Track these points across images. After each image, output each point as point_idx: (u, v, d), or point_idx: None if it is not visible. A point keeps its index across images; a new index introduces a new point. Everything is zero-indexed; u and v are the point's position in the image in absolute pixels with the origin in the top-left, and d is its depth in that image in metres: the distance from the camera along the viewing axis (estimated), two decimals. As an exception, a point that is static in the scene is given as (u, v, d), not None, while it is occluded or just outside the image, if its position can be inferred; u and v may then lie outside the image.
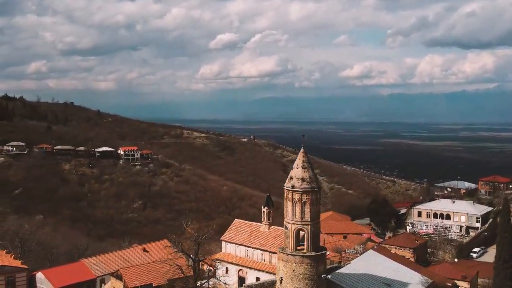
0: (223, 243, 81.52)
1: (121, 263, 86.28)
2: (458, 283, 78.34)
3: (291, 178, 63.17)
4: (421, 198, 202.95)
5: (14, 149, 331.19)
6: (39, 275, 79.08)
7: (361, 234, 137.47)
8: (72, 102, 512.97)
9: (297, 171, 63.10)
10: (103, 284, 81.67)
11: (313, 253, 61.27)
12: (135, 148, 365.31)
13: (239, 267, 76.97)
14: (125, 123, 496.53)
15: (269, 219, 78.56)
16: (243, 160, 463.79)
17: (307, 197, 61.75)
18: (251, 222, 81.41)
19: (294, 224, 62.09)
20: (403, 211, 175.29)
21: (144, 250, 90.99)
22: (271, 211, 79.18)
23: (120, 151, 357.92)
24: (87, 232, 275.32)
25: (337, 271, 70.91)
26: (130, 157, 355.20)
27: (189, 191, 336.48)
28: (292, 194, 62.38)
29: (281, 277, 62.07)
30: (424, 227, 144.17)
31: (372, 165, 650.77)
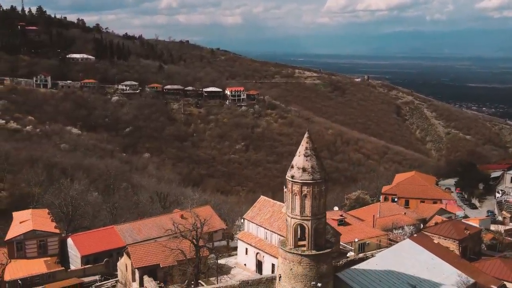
0: (246, 222, 76.38)
1: (155, 230, 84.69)
2: (508, 285, 67.40)
3: (292, 167, 56.00)
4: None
5: (128, 88, 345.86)
6: (69, 241, 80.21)
7: (440, 200, 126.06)
8: (188, 41, 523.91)
9: (298, 159, 55.49)
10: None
11: (313, 252, 54.60)
12: (242, 88, 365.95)
13: (257, 250, 72.18)
14: (237, 62, 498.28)
15: (292, 200, 71.91)
16: (354, 102, 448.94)
17: (308, 189, 54.20)
18: (275, 202, 74.82)
19: (294, 218, 55.26)
20: (496, 174, 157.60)
21: (182, 217, 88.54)
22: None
23: (227, 92, 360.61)
24: (189, 171, 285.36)
25: (354, 267, 63.51)
26: (236, 98, 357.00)
27: (292, 134, 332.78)
28: (292, 185, 55.42)
29: (280, 275, 56.64)
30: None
31: (505, 106, 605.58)
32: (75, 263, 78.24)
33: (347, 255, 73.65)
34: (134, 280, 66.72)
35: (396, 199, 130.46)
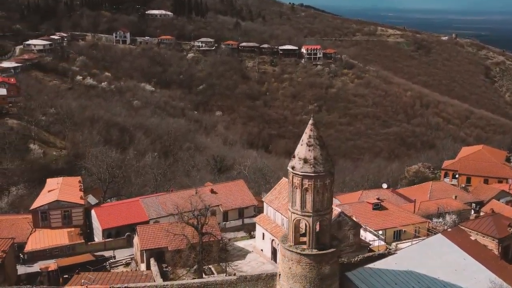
0: (265, 205, 71.93)
1: (181, 206, 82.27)
2: (551, 292, 59.24)
3: (294, 156, 50.71)
4: None
5: (204, 45, 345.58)
6: (93, 213, 79.62)
7: (506, 180, 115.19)
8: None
9: (300, 148, 50.06)
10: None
11: (314, 252, 49.64)
12: (318, 46, 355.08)
13: (273, 237, 67.65)
14: (317, 18, 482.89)
15: (312, 186, 66.45)
16: (438, 62, 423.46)
17: (310, 183, 48.88)
18: (298, 185, 69.76)
19: (294, 213, 50.51)
20: None
21: (212, 191, 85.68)
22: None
23: (303, 50, 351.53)
24: (259, 131, 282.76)
25: (369, 265, 57.80)
26: (312, 56, 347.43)
27: (368, 95, 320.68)
28: (293, 177, 50.24)
29: (279, 273, 52.35)
30: None
31: None
32: (98, 236, 77.95)
33: (371, 246, 68.01)
34: (143, 261, 64.95)
35: (457, 176, 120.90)
